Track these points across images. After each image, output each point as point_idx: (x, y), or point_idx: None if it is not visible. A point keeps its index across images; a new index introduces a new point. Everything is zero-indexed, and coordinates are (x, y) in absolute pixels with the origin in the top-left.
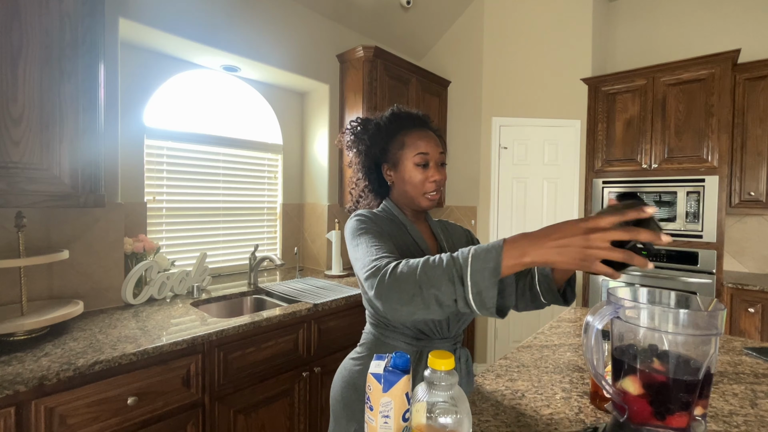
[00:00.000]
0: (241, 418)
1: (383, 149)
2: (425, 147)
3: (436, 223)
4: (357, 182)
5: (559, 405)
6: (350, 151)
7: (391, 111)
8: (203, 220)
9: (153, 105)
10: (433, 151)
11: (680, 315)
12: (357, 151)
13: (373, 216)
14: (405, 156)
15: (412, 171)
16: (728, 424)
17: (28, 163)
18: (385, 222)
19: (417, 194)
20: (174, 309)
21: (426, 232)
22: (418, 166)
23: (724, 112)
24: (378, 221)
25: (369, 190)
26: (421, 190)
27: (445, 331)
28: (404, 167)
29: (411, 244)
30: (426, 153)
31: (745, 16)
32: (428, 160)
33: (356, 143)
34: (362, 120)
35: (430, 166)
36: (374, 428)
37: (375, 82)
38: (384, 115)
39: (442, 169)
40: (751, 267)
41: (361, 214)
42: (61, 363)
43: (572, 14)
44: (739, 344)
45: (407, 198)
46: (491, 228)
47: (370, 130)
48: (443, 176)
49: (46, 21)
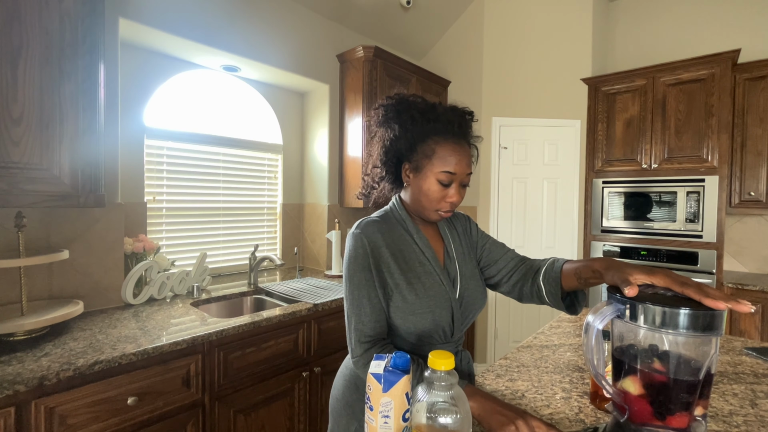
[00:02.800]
0: (241, 418)
1: (409, 148)
2: (454, 166)
3: (446, 220)
4: (373, 170)
5: (559, 405)
6: (375, 134)
7: (432, 105)
8: (203, 220)
9: (153, 105)
10: (462, 171)
11: (680, 315)
12: (380, 137)
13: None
14: (430, 167)
15: (432, 185)
16: (728, 424)
17: (28, 163)
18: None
19: (429, 208)
20: (174, 309)
21: (434, 235)
22: (440, 183)
23: (724, 112)
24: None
25: (385, 181)
26: (435, 206)
27: (449, 336)
28: (425, 177)
29: (416, 253)
30: (453, 173)
31: (745, 16)
32: (453, 180)
33: (384, 129)
34: (399, 101)
35: (453, 186)
36: (374, 428)
37: (375, 82)
38: (421, 106)
39: (463, 190)
40: (751, 267)
41: (358, 233)
42: (61, 363)
43: (572, 14)
44: (739, 344)
45: (418, 206)
46: (491, 228)
47: (403, 119)
48: (461, 198)
49: (46, 21)
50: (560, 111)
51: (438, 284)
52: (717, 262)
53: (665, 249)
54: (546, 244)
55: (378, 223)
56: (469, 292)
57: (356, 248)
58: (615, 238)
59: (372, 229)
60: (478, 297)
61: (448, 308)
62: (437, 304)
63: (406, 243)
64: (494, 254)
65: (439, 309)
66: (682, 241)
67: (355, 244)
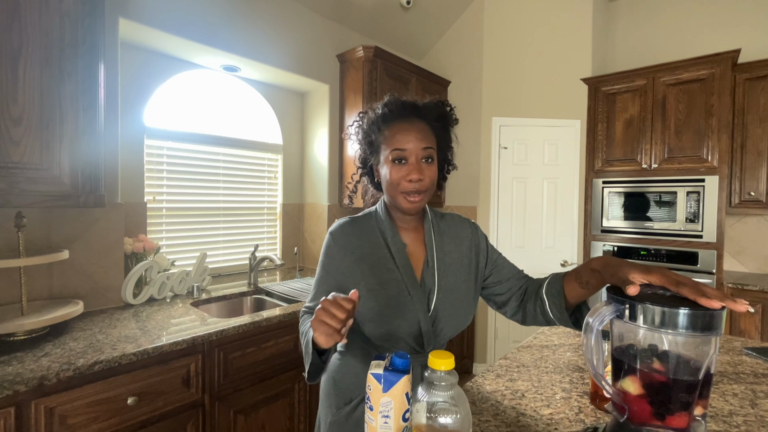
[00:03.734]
0: (241, 418)
1: (370, 146)
2: (402, 141)
3: (437, 225)
4: (352, 176)
5: (559, 405)
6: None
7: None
8: (203, 220)
9: (153, 105)
10: (413, 145)
11: (680, 315)
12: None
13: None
14: (384, 153)
15: (389, 168)
16: (728, 424)
17: (28, 163)
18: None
19: (395, 194)
20: (174, 309)
21: (416, 241)
22: (395, 163)
23: (724, 112)
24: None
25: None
26: (399, 190)
27: (419, 348)
28: (383, 165)
29: (386, 259)
30: (402, 149)
31: (745, 16)
32: (405, 156)
33: (356, 134)
34: (364, 111)
35: (410, 163)
36: (374, 428)
37: (375, 82)
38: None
39: (427, 166)
40: (751, 267)
41: (333, 232)
42: (61, 363)
43: (572, 14)
44: (739, 344)
45: (390, 200)
46: (491, 228)
47: (363, 123)
48: (424, 175)
49: (46, 21)
50: (560, 111)
51: (404, 294)
52: (717, 262)
53: (665, 249)
54: (546, 244)
55: (349, 225)
56: (446, 306)
57: (325, 247)
58: (615, 238)
59: (340, 232)
60: (459, 313)
61: (414, 321)
62: (398, 315)
63: (378, 246)
64: (505, 271)
65: (400, 320)
66: (682, 241)
67: (325, 244)
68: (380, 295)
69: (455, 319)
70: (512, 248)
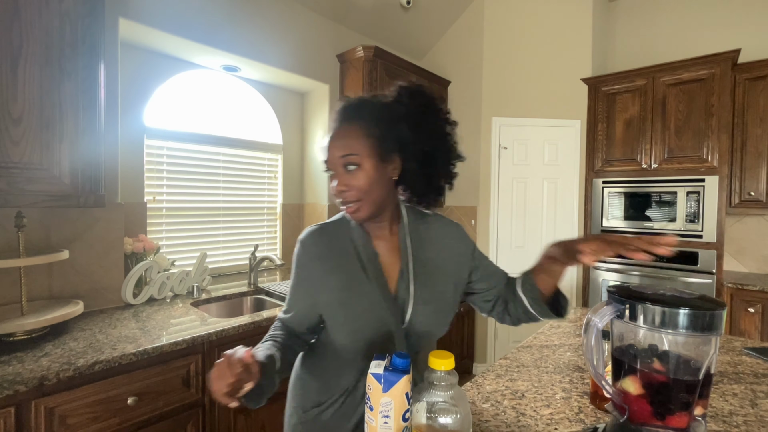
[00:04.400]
0: (241, 418)
1: None
2: (327, 152)
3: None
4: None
5: (559, 405)
6: None
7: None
8: (203, 220)
9: (153, 105)
10: (331, 154)
11: (680, 315)
12: None
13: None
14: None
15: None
16: (728, 424)
17: (28, 163)
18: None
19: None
20: (174, 309)
21: (390, 248)
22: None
23: (724, 112)
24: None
25: None
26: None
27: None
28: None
29: (356, 270)
30: (325, 161)
31: (745, 16)
32: (330, 167)
33: None
34: None
35: (336, 173)
36: (374, 428)
37: (375, 82)
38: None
39: (349, 174)
40: (751, 267)
41: (303, 240)
42: (61, 363)
43: (572, 14)
44: (739, 344)
45: None
46: (491, 228)
47: None
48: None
49: (46, 21)
50: (560, 111)
51: (376, 307)
52: (717, 262)
53: None
54: (546, 244)
55: (318, 234)
56: (423, 319)
57: (295, 255)
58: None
59: (310, 240)
60: (435, 324)
61: (387, 334)
62: (370, 328)
63: (348, 256)
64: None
65: (372, 333)
66: (682, 241)
67: (295, 252)
68: (351, 309)
69: (434, 331)
70: (512, 248)
